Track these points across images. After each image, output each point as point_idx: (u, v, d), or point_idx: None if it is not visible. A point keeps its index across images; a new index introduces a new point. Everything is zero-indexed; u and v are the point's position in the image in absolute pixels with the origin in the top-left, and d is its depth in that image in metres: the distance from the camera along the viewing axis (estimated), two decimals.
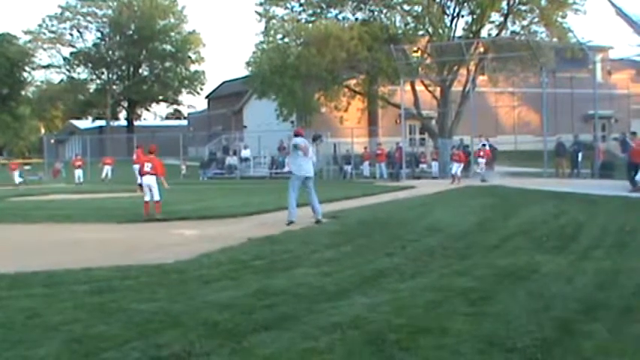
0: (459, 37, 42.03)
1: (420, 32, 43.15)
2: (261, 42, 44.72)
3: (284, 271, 9.26)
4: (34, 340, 6.05)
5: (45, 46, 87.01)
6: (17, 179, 39.91)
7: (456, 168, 32.56)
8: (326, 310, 6.91)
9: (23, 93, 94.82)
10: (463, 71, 41.88)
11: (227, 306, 7.10)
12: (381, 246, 11.45)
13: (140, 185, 17.89)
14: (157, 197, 17.65)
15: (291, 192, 15.61)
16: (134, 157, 31.35)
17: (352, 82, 44.78)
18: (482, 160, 34.07)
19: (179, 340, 5.89)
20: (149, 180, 17.75)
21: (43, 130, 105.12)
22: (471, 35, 41.53)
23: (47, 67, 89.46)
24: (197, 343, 5.77)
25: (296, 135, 16.58)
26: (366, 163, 42.75)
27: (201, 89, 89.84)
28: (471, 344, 5.62)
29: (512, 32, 42.15)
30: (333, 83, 42.30)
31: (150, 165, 17.95)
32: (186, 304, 7.25)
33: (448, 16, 42.58)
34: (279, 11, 44.51)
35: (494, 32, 42.95)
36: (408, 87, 41.94)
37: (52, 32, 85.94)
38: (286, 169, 41.45)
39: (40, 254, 12.13)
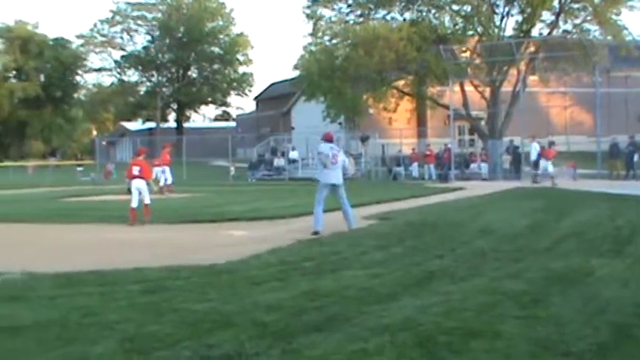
0: (509, 37, 41.55)
1: (470, 32, 42.78)
2: (309, 44, 44.80)
3: (333, 272, 9.25)
4: (90, 338, 6.15)
5: (97, 49, 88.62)
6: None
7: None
8: (375, 311, 6.89)
9: (76, 96, 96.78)
10: (513, 71, 41.35)
11: (277, 307, 7.12)
12: (430, 248, 11.38)
13: (129, 190, 17.69)
14: (147, 201, 17.34)
15: (317, 201, 14.53)
16: (159, 158, 31.43)
17: (401, 83, 44.55)
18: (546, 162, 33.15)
19: (230, 340, 5.92)
20: (138, 183, 17.42)
21: (94, 132, 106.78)
22: (522, 35, 41.02)
23: (99, 70, 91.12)
24: (247, 343, 5.79)
25: (325, 140, 15.35)
26: (415, 164, 42.54)
27: (250, 91, 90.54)
28: (524, 348, 5.56)
29: (564, 31, 41.47)
30: (381, 84, 42.15)
31: (138, 168, 17.66)
32: (236, 305, 7.29)
33: (498, 15, 42.11)
34: (326, 12, 44.52)
35: (545, 31, 42.32)
36: (457, 87, 41.59)
37: (104, 36, 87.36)
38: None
39: (93, 254, 12.31)
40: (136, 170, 17.54)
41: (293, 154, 47.79)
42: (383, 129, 45.78)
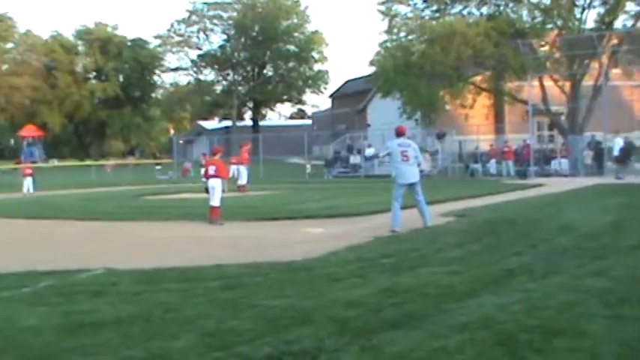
0: (590, 30, 40.64)
1: (549, 26, 41.96)
2: (385, 40, 44.69)
3: (411, 269, 9.23)
4: (171, 332, 6.29)
5: (173, 49, 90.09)
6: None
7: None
8: (454, 309, 6.85)
9: (153, 95, 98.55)
10: (595, 65, 40.43)
11: (355, 304, 7.14)
12: (509, 245, 11.23)
13: (206, 189, 17.74)
14: (216, 203, 17.25)
15: (394, 199, 14.14)
16: (236, 156, 31.69)
17: (478, 78, 44.08)
18: None
19: (309, 336, 5.97)
20: (214, 183, 17.48)
21: (172, 131, 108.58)
22: (604, 27, 40.09)
23: (176, 69, 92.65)
24: (327, 339, 5.83)
25: (396, 134, 14.80)
26: (493, 160, 42.03)
27: (325, 88, 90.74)
28: (610, 348, 5.44)
29: None
30: (458, 80, 41.78)
31: (214, 168, 17.75)
32: (315, 301, 7.34)
33: (578, 7, 41.23)
34: (402, 9, 44.27)
35: (629, 23, 41.31)
36: (535, 82, 40.90)
37: (180, 36, 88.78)
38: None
39: (173, 251, 12.57)
40: (212, 170, 17.68)
41: (369, 151, 47.60)
42: (460, 125, 45.34)
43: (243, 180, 30.86)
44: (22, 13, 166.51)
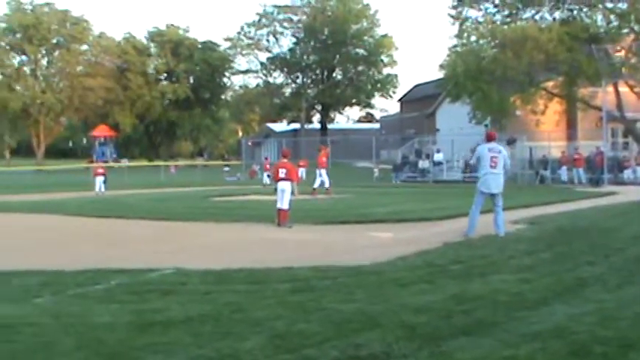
0: None
1: (624, 30, 41.10)
2: (455, 45, 44.37)
3: (481, 276, 9.16)
4: (240, 333, 6.37)
5: (243, 52, 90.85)
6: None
7: None
8: (526, 317, 6.78)
9: (223, 97, 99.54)
10: None
11: (424, 309, 7.12)
12: (581, 254, 11.04)
13: (276, 190, 17.74)
14: (285, 206, 17.20)
15: (474, 204, 14.06)
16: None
17: (550, 84, 43.36)
18: None
19: (377, 341, 5.98)
20: (284, 185, 17.44)
21: (240, 133, 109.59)
22: None
23: (245, 72, 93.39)
24: (395, 344, 5.83)
25: (488, 138, 14.53)
26: (564, 167, 41.31)
27: (394, 92, 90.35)
28: None
29: None
30: (529, 86, 41.18)
31: (284, 170, 17.73)
32: (383, 306, 7.35)
33: None
34: (473, 13, 43.83)
35: None
36: (610, 88, 40.09)
37: (250, 38, 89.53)
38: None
39: (242, 252, 12.69)
40: (282, 173, 17.69)
41: (438, 156, 47.44)
42: (530, 131, 44.65)
43: (326, 183, 30.88)
44: (97, 15, 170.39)
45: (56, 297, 8.26)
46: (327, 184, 30.84)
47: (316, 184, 30.63)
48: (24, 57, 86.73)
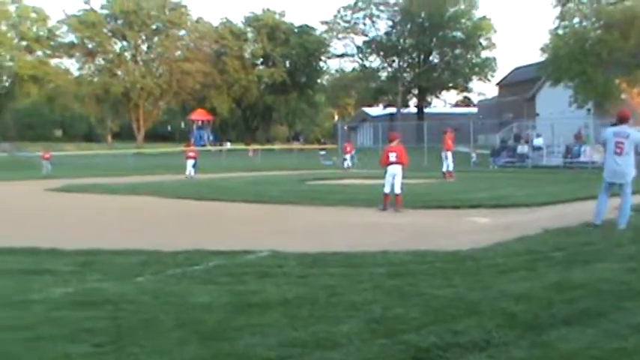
0: None
1: None
2: (557, 27, 43.33)
3: (584, 264, 8.87)
4: (337, 317, 6.34)
5: (339, 35, 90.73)
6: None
7: None
8: (633, 308, 6.52)
9: (319, 81, 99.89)
10: None
11: (524, 297, 6.94)
12: None
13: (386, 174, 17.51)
14: (398, 190, 17.07)
15: (600, 193, 12.84)
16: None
17: None
18: None
19: (476, 328, 5.86)
20: (395, 169, 17.28)
21: (336, 117, 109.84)
22: None
23: (341, 56, 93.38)
24: (495, 332, 5.70)
25: (619, 119, 12.77)
26: None
27: (492, 76, 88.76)
28: None
29: None
30: (637, 68, 39.88)
31: (395, 154, 17.53)
32: (482, 293, 7.21)
33: None
34: None
35: None
36: None
37: (347, 22, 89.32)
38: (582, 158, 39.85)
39: (338, 235, 12.72)
40: (392, 156, 17.52)
41: (537, 141, 46.46)
42: (637, 115, 43.29)
43: (449, 166, 30.83)
44: (194, 1, 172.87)
45: (156, 276, 8.44)
46: (447, 167, 30.84)
47: (445, 167, 30.71)
48: (125, 43, 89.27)
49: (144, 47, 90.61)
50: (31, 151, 59.48)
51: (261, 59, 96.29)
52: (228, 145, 73.06)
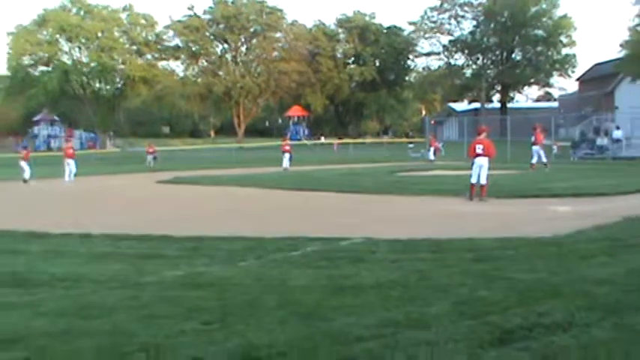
0: None
1: None
2: (637, 24, 41.93)
3: None
4: (426, 298, 6.37)
5: (426, 35, 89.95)
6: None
7: None
8: None
9: (407, 79, 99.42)
10: None
11: (606, 281, 6.82)
12: None
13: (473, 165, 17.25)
14: (483, 180, 16.89)
15: None
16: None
17: None
18: None
19: (559, 310, 5.80)
20: (481, 161, 17.06)
21: (423, 112, 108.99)
22: None
23: (428, 54, 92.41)
24: (577, 314, 5.63)
25: None
26: None
27: (573, 72, 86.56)
28: None
29: None
30: None
31: (481, 147, 17.30)
32: (564, 277, 7.12)
33: None
34: None
35: None
36: None
37: (433, 22, 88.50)
38: None
39: (427, 223, 12.70)
40: (479, 149, 17.36)
41: (617, 133, 45.11)
42: None
43: (543, 157, 30.71)
44: (290, 4, 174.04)
45: (258, 261, 8.60)
46: (539, 159, 30.52)
47: (541, 160, 30.57)
48: (226, 45, 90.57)
49: (243, 49, 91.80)
50: (142, 147, 61.11)
51: (352, 58, 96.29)
52: (322, 139, 73.40)
